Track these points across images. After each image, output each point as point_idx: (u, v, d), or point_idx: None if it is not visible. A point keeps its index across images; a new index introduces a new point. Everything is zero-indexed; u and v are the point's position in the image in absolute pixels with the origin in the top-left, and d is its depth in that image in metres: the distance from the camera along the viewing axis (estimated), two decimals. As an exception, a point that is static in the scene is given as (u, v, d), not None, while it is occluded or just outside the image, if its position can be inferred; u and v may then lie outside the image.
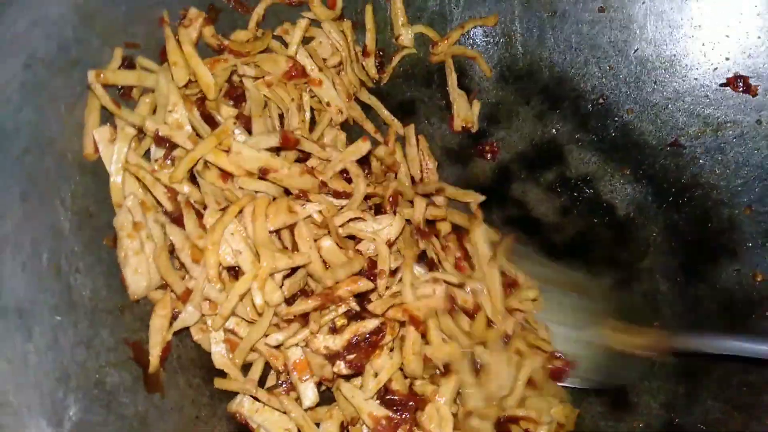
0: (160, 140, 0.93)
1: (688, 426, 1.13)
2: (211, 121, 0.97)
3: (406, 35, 1.28)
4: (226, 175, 0.95)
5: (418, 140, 1.26)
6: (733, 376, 1.14)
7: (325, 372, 0.93)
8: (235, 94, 1.04)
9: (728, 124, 1.23)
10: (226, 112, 0.99)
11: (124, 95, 0.98)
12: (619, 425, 1.15)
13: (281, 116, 1.06)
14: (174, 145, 0.95)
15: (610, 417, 1.16)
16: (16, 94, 0.87)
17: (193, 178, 0.96)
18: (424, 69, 1.31)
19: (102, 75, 0.93)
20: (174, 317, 0.94)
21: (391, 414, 0.94)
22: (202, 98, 0.98)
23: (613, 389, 1.17)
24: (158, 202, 0.95)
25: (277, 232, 0.95)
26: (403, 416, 0.94)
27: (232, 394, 0.98)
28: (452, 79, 1.29)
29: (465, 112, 1.30)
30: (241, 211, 0.92)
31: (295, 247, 0.94)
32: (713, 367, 1.15)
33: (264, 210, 0.92)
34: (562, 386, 1.12)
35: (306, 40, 1.16)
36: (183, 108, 0.93)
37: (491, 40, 1.30)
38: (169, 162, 0.95)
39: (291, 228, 0.95)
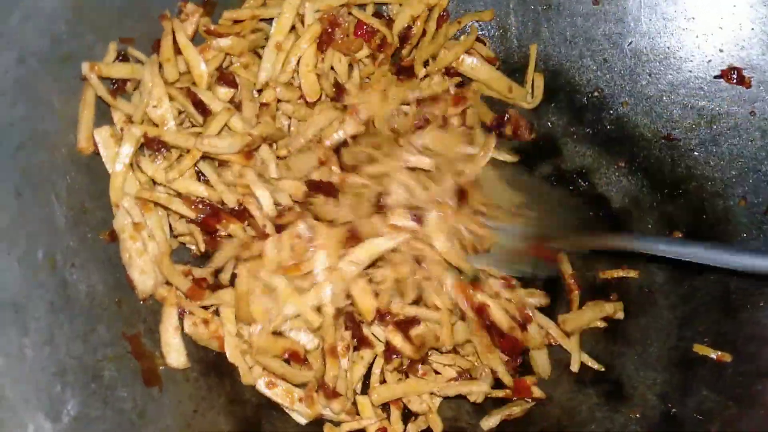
0: (150, 142, 0.93)
1: (684, 416, 1.14)
2: (204, 108, 0.96)
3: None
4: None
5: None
6: (727, 367, 1.15)
7: None
8: (227, 80, 1.03)
9: (722, 116, 1.23)
10: (222, 95, 0.98)
11: (118, 89, 0.98)
12: (615, 416, 1.16)
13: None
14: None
15: (606, 408, 1.16)
16: (10, 89, 0.86)
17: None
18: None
19: (97, 67, 0.92)
20: (181, 314, 0.95)
21: None
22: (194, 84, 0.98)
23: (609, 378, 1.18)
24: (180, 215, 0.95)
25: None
26: None
27: (229, 388, 0.99)
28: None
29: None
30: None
31: None
32: (708, 357, 1.16)
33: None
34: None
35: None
36: (167, 103, 0.93)
37: (486, 34, 1.31)
38: (159, 162, 0.95)
39: None
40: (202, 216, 0.93)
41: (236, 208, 0.96)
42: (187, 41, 0.98)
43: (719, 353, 1.14)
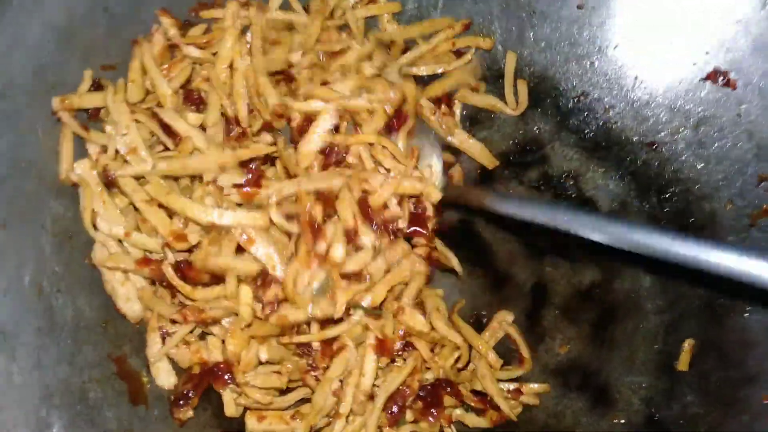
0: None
1: (669, 421, 1.15)
2: (170, 130, 0.98)
3: (392, 30, 1.28)
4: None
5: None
6: (712, 372, 1.15)
7: None
8: (194, 98, 1.05)
9: (709, 119, 1.22)
10: (192, 119, 1.00)
11: (91, 117, 1.00)
12: (600, 421, 1.17)
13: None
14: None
15: (591, 413, 1.18)
16: (-5, 123, 0.90)
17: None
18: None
19: (66, 101, 0.95)
20: (163, 336, 0.98)
21: None
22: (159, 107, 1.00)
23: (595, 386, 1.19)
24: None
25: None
26: None
27: (216, 402, 1.02)
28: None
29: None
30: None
31: None
32: (693, 362, 1.16)
33: None
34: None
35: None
36: (134, 129, 0.95)
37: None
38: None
39: None
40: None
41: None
42: (151, 62, 1.00)
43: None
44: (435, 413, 1.06)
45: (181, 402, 0.97)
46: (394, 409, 1.03)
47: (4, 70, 0.92)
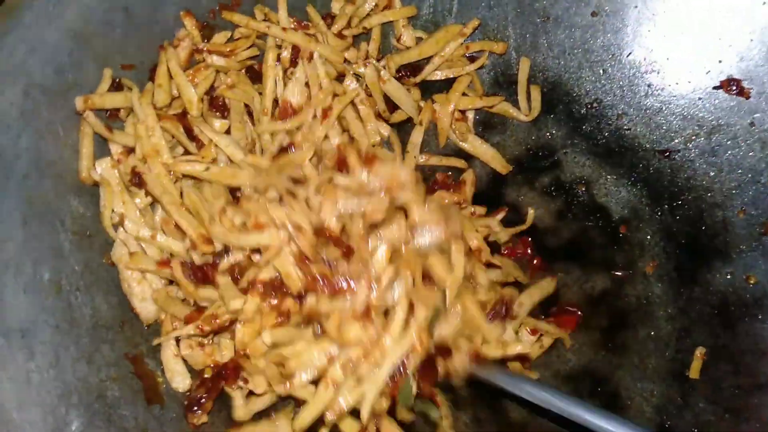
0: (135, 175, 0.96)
1: (680, 428, 1.15)
2: (194, 136, 0.99)
3: (407, 35, 1.29)
4: None
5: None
6: (724, 379, 1.15)
7: None
8: (218, 104, 1.06)
9: (722, 127, 1.23)
10: (217, 126, 1.01)
11: (112, 116, 1.01)
12: (612, 428, 1.17)
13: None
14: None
15: (602, 419, 1.18)
16: (16, 121, 0.90)
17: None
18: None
19: (89, 101, 0.96)
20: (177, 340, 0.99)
21: None
22: (185, 113, 1.01)
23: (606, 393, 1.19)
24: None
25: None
26: None
27: (230, 403, 1.02)
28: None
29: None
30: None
31: None
32: (705, 370, 1.17)
33: None
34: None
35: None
36: (159, 131, 0.95)
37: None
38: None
39: None
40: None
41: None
42: (178, 68, 1.01)
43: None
44: None
45: (195, 407, 0.97)
46: None
47: (25, 70, 0.93)
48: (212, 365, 0.97)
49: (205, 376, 1.00)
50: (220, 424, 1.01)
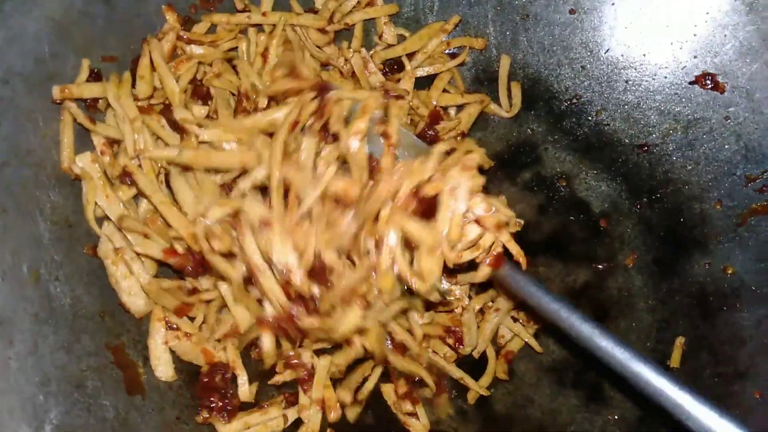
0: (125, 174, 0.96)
1: (662, 417, 1.15)
2: (178, 126, 0.99)
3: (388, 32, 1.30)
4: None
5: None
6: (704, 368, 1.17)
7: None
8: (201, 94, 1.06)
9: (698, 121, 1.25)
10: (197, 112, 1.00)
11: (90, 107, 1.00)
12: (595, 418, 1.18)
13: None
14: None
15: (585, 410, 1.19)
16: (-5, 109, 0.90)
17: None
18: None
19: (67, 90, 0.95)
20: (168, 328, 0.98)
21: None
22: (168, 104, 1.01)
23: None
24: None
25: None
26: None
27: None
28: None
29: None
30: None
31: None
32: (685, 359, 1.18)
33: None
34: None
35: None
36: (139, 123, 0.95)
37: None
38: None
39: None
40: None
41: None
42: (161, 60, 1.01)
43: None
44: None
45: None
46: None
47: (4, 58, 0.92)
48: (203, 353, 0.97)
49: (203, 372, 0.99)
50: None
